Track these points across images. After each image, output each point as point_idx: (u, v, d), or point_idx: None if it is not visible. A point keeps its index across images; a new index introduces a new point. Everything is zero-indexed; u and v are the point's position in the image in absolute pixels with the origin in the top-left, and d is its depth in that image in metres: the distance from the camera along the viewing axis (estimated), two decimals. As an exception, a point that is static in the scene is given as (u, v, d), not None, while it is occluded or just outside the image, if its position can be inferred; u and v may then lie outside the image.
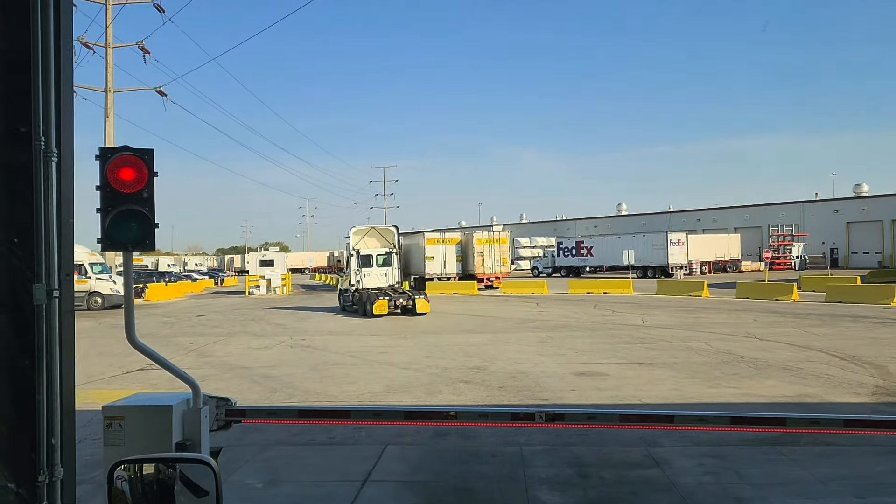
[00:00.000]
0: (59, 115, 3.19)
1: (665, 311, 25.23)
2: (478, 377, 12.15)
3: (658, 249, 55.34)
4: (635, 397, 10.23)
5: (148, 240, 3.67)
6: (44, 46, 3.09)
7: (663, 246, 55.04)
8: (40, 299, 3.04)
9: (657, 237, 56.80)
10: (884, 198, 66.00)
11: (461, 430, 8.34)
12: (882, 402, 9.65)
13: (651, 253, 55.42)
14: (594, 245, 61.88)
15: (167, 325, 23.95)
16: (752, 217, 76.16)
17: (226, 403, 4.28)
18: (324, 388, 11.53)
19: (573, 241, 65.08)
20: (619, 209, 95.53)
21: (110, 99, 37.07)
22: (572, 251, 62.89)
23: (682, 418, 4.93)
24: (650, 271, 54.38)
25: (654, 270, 54.45)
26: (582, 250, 62.14)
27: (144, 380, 12.46)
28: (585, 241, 64.04)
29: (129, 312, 3.85)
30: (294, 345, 17.57)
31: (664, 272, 53.72)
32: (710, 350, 14.82)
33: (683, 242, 56.66)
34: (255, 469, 7.08)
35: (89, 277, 31.60)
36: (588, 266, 62.10)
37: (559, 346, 15.95)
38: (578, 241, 64.82)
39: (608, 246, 59.92)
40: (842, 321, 20.16)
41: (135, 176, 3.63)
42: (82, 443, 7.56)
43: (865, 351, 14.14)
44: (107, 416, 3.72)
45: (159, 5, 36.66)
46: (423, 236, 44.31)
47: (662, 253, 55.17)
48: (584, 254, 61.82)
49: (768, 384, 11.03)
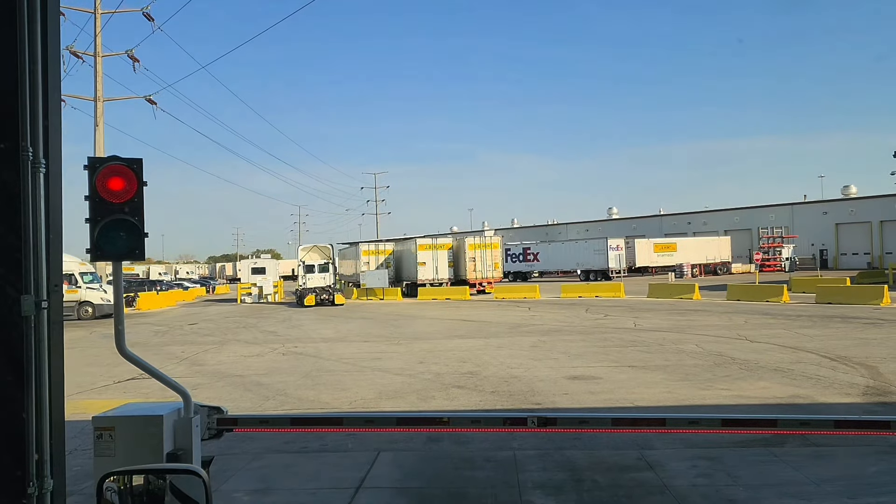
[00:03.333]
0: (46, 125, 3.17)
1: (657, 313, 25.30)
2: (471, 382, 12.14)
3: (599, 254, 60.50)
4: (628, 400, 10.25)
5: (137, 250, 3.65)
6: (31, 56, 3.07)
7: (604, 251, 60.23)
8: (29, 310, 3.02)
9: (598, 243, 61.94)
10: (872, 199, 66.57)
11: (454, 435, 8.33)
12: (873, 403, 9.71)
13: (593, 257, 60.75)
14: (540, 251, 66.64)
15: (159, 334, 23.82)
16: (742, 219, 76.62)
17: (217, 412, 4.27)
18: (316, 395, 11.49)
19: (521, 248, 68.86)
20: (609, 213, 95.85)
21: (100, 108, 36.92)
22: (520, 257, 67.35)
23: (675, 421, 4.96)
24: (592, 274, 59.21)
25: (595, 273, 59.25)
26: (529, 256, 66.97)
27: (135, 389, 12.38)
28: (532, 247, 68.31)
29: (119, 322, 3.83)
30: (286, 352, 17.51)
31: (605, 275, 58.54)
32: (702, 352, 14.87)
33: (622, 248, 62.06)
34: (247, 478, 7.04)
35: (80, 287, 31.43)
36: (535, 271, 66.41)
37: (552, 351, 15.97)
38: (525, 247, 68.72)
39: (553, 252, 65.19)
40: (832, 322, 20.27)
41: (124, 186, 3.62)
42: (72, 454, 7.51)
43: (856, 352, 14.22)
44: (97, 426, 3.70)
45: (149, 14, 36.63)
46: (414, 242, 44.37)
47: (603, 257, 60.12)
48: (531, 259, 66.70)
49: (760, 386, 11.08)
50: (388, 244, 49.80)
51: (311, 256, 41.31)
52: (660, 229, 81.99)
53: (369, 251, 47.19)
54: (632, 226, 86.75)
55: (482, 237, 46.21)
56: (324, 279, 39.75)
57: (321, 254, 41.64)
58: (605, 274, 58.83)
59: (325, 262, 40.83)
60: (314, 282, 39.49)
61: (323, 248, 42.23)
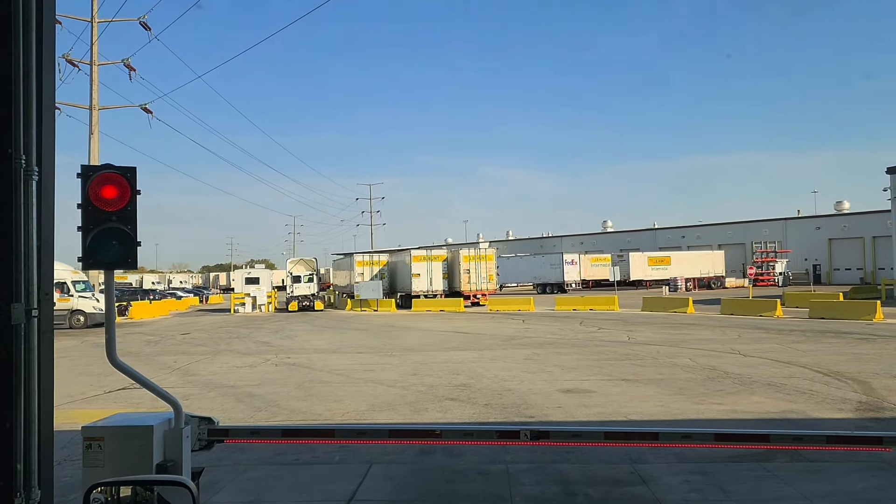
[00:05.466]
0: (40, 132, 3.17)
1: (650, 327, 25.32)
2: (464, 395, 12.10)
3: (555, 268, 63.41)
4: (621, 414, 10.23)
5: (130, 258, 3.64)
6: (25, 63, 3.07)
7: (559, 265, 63.30)
8: (19, 319, 3.00)
9: (554, 258, 65.00)
10: (864, 215, 66.89)
11: (447, 448, 8.29)
12: (865, 418, 9.72)
13: (549, 271, 63.52)
14: (500, 265, 67.77)
15: (151, 344, 23.69)
16: (736, 234, 76.96)
17: (208, 423, 4.24)
18: (309, 406, 11.43)
19: None
20: (604, 226, 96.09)
21: (95, 116, 36.89)
22: None
23: (668, 435, 4.94)
24: (548, 287, 62.08)
25: (551, 287, 62.12)
26: None
27: (126, 399, 12.29)
28: None
29: (111, 331, 3.81)
30: (279, 363, 17.43)
31: (560, 288, 61.78)
32: (696, 366, 14.87)
33: (577, 262, 65.26)
34: (237, 489, 6.99)
35: (72, 295, 31.27)
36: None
37: (545, 363, 15.94)
38: None
39: (512, 266, 66.60)
40: (825, 337, 20.32)
41: (117, 194, 3.61)
42: (61, 464, 7.45)
43: (848, 367, 14.25)
44: (86, 436, 3.67)
45: (145, 23, 36.73)
46: (409, 254, 44.40)
47: (559, 271, 63.19)
48: None
49: (753, 400, 11.08)
50: (382, 255, 49.79)
51: (297, 268, 47.01)
52: (654, 243, 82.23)
53: (364, 262, 47.15)
54: (626, 239, 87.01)
55: (477, 249, 46.22)
56: (308, 288, 46.08)
57: (306, 266, 47.45)
58: (560, 287, 61.86)
59: (310, 273, 46.74)
60: (300, 290, 45.68)
61: (308, 262, 48.20)
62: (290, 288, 46.09)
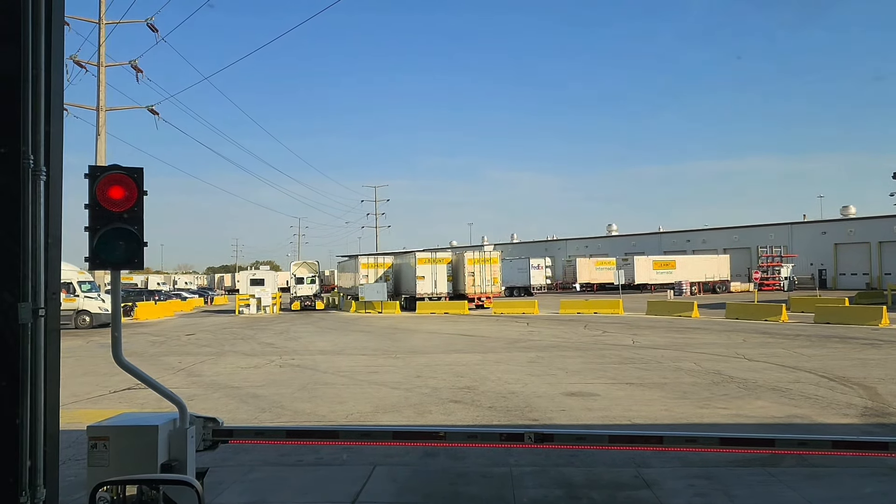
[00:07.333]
0: (48, 132, 3.18)
1: (655, 331, 25.26)
2: (468, 397, 12.09)
3: (522, 272, 66.36)
4: (625, 418, 10.21)
5: (136, 259, 3.65)
6: (34, 64, 3.09)
7: (526, 269, 66.47)
8: (26, 318, 3.01)
9: (521, 262, 67.76)
10: (870, 220, 66.63)
11: (450, 450, 8.29)
12: (871, 424, 9.67)
13: (517, 275, 65.71)
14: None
15: (156, 344, 23.75)
16: (741, 238, 76.71)
17: (213, 423, 4.25)
18: (313, 407, 11.44)
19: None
20: (609, 230, 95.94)
21: (102, 117, 37.05)
22: None
23: (672, 439, 4.92)
24: (516, 291, 64.68)
25: (519, 290, 65.16)
26: None
27: (131, 399, 12.33)
28: None
29: (117, 331, 3.83)
30: (283, 364, 17.45)
31: (527, 291, 65.48)
32: (700, 370, 14.83)
33: (543, 266, 69.09)
34: (241, 490, 6.99)
35: (78, 296, 31.35)
36: None
37: (549, 367, 15.92)
38: None
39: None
40: (830, 342, 20.24)
41: (124, 195, 3.62)
42: (66, 464, 7.47)
43: (854, 372, 14.19)
44: (91, 436, 3.68)
45: (153, 25, 36.89)
46: (414, 256, 44.37)
47: (526, 275, 66.27)
48: None
49: (758, 405, 11.04)
50: (387, 257, 49.87)
51: (301, 270, 50.21)
52: (659, 247, 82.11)
53: (368, 264, 47.23)
54: (631, 242, 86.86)
55: (481, 252, 46.16)
56: (310, 289, 49.48)
57: (309, 268, 50.80)
58: (527, 290, 65.62)
59: (312, 275, 50.04)
60: (302, 291, 49.07)
61: (311, 264, 51.78)
62: (294, 289, 49.37)
